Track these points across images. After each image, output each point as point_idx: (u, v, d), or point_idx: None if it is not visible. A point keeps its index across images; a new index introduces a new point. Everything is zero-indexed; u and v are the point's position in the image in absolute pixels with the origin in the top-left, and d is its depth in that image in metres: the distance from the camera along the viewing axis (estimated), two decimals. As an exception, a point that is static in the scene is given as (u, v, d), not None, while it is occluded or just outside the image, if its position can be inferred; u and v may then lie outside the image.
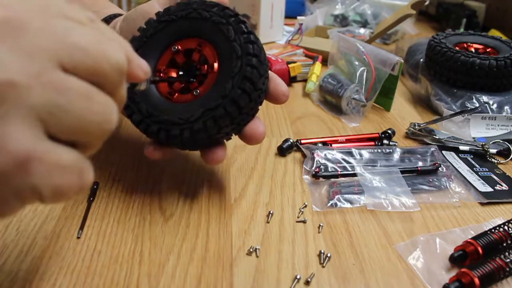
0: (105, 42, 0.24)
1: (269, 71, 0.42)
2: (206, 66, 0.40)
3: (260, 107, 0.41)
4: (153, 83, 0.41)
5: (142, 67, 0.28)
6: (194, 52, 0.41)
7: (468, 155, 0.53)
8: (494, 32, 0.94)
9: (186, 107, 0.39)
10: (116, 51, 0.24)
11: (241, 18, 0.40)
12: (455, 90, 0.63)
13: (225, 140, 0.42)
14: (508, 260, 0.35)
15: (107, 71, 0.24)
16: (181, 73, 0.42)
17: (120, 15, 0.52)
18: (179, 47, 0.41)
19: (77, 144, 0.23)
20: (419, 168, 0.48)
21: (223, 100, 0.37)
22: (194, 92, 0.39)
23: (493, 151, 0.53)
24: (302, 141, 0.53)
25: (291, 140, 0.53)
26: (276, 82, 0.42)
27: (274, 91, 0.41)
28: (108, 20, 0.50)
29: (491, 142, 0.55)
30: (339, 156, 0.49)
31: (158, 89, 0.41)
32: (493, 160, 0.52)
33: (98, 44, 0.23)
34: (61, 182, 0.22)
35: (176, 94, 0.41)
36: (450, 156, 0.53)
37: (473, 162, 0.52)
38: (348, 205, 0.43)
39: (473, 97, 0.61)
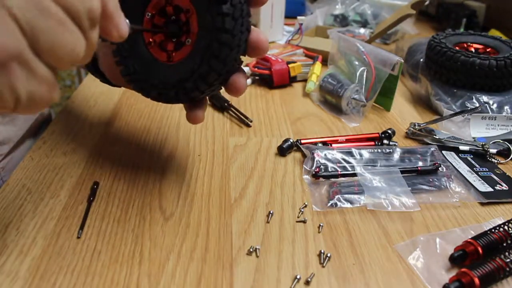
0: None
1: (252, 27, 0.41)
2: (183, 13, 0.39)
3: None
4: (138, 31, 0.41)
5: (119, 28, 0.30)
6: (167, 8, 0.40)
7: (468, 155, 0.53)
8: (494, 32, 0.94)
9: (188, 59, 0.39)
10: None
11: None
12: (455, 90, 0.63)
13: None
14: (508, 260, 0.35)
15: (80, 11, 0.26)
16: (169, 35, 0.41)
17: None
18: (152, 11, 0.41)
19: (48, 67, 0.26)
20: (419, 168, 0.48)
21: (211, 35, 0.37)
22: (187, 42, 0.39)
23: (493, 151, 0.53)
24: (302, 141, 0.53)
25: (291, 140, 0.53)
26: (256, 32, 0.41)
27: (254, 42, 0.40)
28: None
29: (491, 142, 0.55)
30: (339, 156, 0.49)
31: (157, 57, 0.41)
32: (493, 160, 0.52)
33: None
34: (36, 90, 0.25)
35: (174, 54, 0.40)
36: (450, 156, 0.53)
37: (473, 162, 0.52)
38: (348, 205, 0.43)
39: (473, 97, 0.61)
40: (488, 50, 0.68)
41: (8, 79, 0.24)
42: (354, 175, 0.47)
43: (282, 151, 0.52)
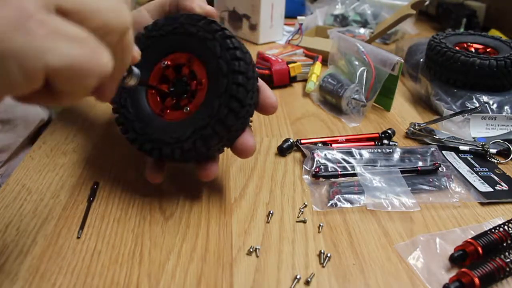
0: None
1: (259, 82, 0.42)
2: (195, 82, 0.40)
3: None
4: (142, 84, 0.41)
5: (136, 50, 0.29)
6: (184, 67, 0.41)
7: (468, 155, 0.53)
8: (494, 32, 0.94)
9: (178, 125, 0.40)
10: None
11: (227, 33, 0.39)
12: (455, 90, 0.63)
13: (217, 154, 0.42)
14: (508, 260, 0.35)
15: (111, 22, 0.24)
16: (172, 89, 0.42)
17: None
18: (169, 62, 0.42)
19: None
20: (419, 168, 0.48)
21: (210, 120, 0.38)
22: (185, 110, 0.40)
23: (493, 151, 0.53)
24: (302, 141, 0.53)
25: (291, 140, 0.53)
26: (266, 94, 0.41)
27: (263, 103, 0.41)
28: None
29: (491, 142, 0.55)
30: (339, 156, 0.49)
31: (151, 106, 0.42)
32: (493, 160, 0.52)
33: None
34: (69, 51, 0.20)
35: (168, 110, 0.41)
36: (450, 156, 0.53)
37: (473, 162, 0.52)
38: (348, 205, 0.43)
39: (473, 97, 0.61)
40: (488, 50, 0.68)
41: (29, 39, 0.20)
42: (354, 175, 0.47)
43: (282, 151, 0.52)
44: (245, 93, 0.38)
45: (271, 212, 0.42)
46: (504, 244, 0.38)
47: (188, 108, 0.40)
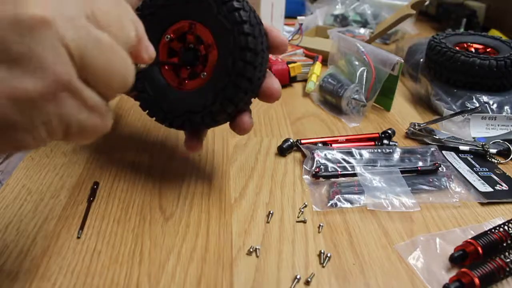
0: (124, 11, 0.27)
1: (264, 25, 0.41)
2: (203, 46, 0.40)
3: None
4: (154, 64, 0.41)
5: (148, 51, 0.30)
6: (188, 35, 0.41)
7: (468, 155, 0.53)
8: (494, 32, 0.94)
9: (200, 92, 0.40)
10: (129, 25, 0.27)
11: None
12: (455, 90, 0.63)
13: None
14: (508, 260, 0.35)
15: (119, 37, 0.26)
16: (183, 59, 0.42)
17: None
18: (172, 35, 0.41)
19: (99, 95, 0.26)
20: (419, 168, 0.48)
21: (230, 78, 0.38)
22: (202, 76, 0.40)
23: (493, 151, 0.53)
24: (302, 141, 0.53)
25: (291, 140, 0.53)
26: (273, 34, 0.41)
27: (274, 44, 0.41)
28: None
29: (491, 142, 0.55)
30: (339, 156, 0.49)
31: (169, 82, 0.42)
32: (493, 160, 0.52)
33: (116, 9, 0.27)
34: (86, 119, 0.25)
35: (186, 81, 0.41)
36: (450, 156, 0.53)
37: (473, 162, 0.52)
38: (348, 205, 0.43)
39: (473, 97, 0.61)
40: (488, 50, 0.68)
41: (58, 108, 0.23)
42: (354, 175, 0.47)
43: (282, 151, 0.52)
44: (254, 41, 0.37)
45: (271, 212, 0.42)
46: (504, 244, 0.38)
47: (205, 73, 0.40)
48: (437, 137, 0.55)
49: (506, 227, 0.39)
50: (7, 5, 0.22)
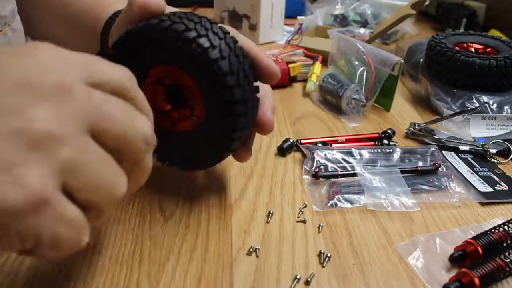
0: (134, 115, 0.27)
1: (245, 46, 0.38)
2: (187, 90, 0.37)
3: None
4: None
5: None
6: (165, 79, 0.37)
7: (468, 155, 0.53)
8: (494, 32, 0.94)
9: (193, 136, 0.39)
10: (143, 125, 0.27)
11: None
12: (455, 90, 0.63)
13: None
14: (508, 260, 0.35)
15: (132, 142, 0.26)
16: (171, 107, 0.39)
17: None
18: (151, 79, 0.37)
19: (86, 209, 0.25)
20: (419, 168, 0.48)
21: (223, 132, 0.37)
22: (193, 120, 0.38)
23: (493, 151, 0.53)
24: (302, 141, 0.53)
25: (291, 140, 0.53)
26: (263, 110, 0.40)
27: (260, 121, 0.40)
28: (114, 18, 0.49)
29: (491, 142, 0.55)
30: (339, 156, 0.49)
31: (161, 124, 0.38)
32: (493, 160, 0.52)
33: (127, 116, 0.26)
34: (61, 232, 0.23)
35: (179, 123, 0.39)
36: (450, 156, 0.53)
37: (473, 162, 0.52)
38: (348, 205, 0.43)
39: (473, 97, 0.61)
40: (488, 50, 0.68)
41: (34, 221, 0.22)
42: (354, 175, 0.47)
43: (282, 151, 0.52)
44: (240, 90, 0.35)
45: (271, 212, 0.42)
46: (504, 244, 0.38)
47: (195, 118, 0.38)
48: (437, 137, 0.55)
49: (506, 227, 0.39)
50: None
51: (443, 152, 0.53)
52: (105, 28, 0.49)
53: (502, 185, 0.47)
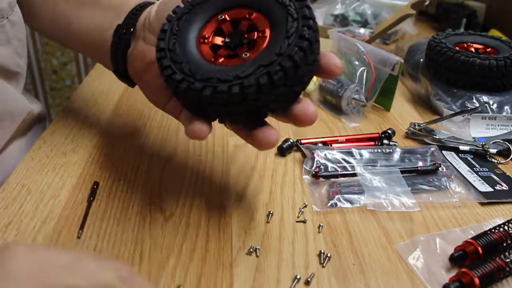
0: None
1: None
2: (256, 32, 0.37)
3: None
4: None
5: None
6: (242, 21, 0.38)
7: (468, 155, 0.53)
8: (494, 32, 0.94)
9: (235, 67, 0.35)
10: None
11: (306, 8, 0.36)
12: (455, 90, 0.63)
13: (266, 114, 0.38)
14: (508, 260, 0.35)
15: None
16: (227, 40, 0.39)
17: (150, 3, 0.49)
18: (226, 17, 0.39)
19: None
20: (419, 168, 0.48)
21: (278, 57, 0.34)
22: (244, 55, 0.36)
23: (493, 151, 0.53)
24: (302, 141, 0.53)
25: (291, 140, 0.53)
26: (328, 55, 0.39)
27: (327, 65, 0.38)
28: (139, 9, 0.48)
29: (491, 142, 0.55)
30: (339, 156, 0.49)
31: (202, 54, 0.38)
32: (493, 160, 0.52)
33: None
34: None
35: (222, 59, 0.37)
36: (450, 156, 0.53)
37: (473, 162, 0.52)
38: (348, 205, 0.43)
39: (473, 97, 0.61)
40: (488, 50, 0.67)
41: None
42: (354, 175, 0.47)
43: (282, 151, 0.52)
44: (314, 38, 0.35)
45: (271, 212, 0.42)
46: (504, 244, 0.38)
47: (248, 54, 0.36)
48: (437, 137, 0.55)
49: (506, 227, 0.39)
50: None
51: (443, 152, 0.53)
52: (136, 9, 0.47)
53: (502, 185, 0.47)
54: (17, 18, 0.51)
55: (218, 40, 0.39)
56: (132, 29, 0.45)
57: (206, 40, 0.39)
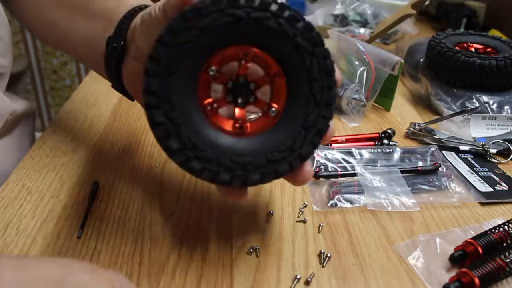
0: None
1: None
2: (264, 75, 0.33)
3: None
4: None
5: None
6: (239, 64, 0.33)
7: (468, 155, 0.53)
8: (494, 32, 0.94)
9: (239, 147, 0.32)
10: None
11: (327, 50, 0.32)
12: (455, 90, 0.63)
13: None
14: (508, 260, 0.35)
15: None
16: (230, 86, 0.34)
17: (141, 8, 0.44)
18: (216, 67, 0.32)
19: None
20: (419, 168, 0.48)
21: (289, 155, 0.32)
22: (271, 112, 0.33)
23: (493, 151, 0.53)
24: (302, 141, 0.53)
25: (291, 140, 0.53)
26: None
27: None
28: (128, 17, 0.43)
29: (491, 142, 0.55)
30: (339, 156, 0.49)
31: (221, 127, 0.33)
32: (493, 160, 0.52)
33: None
34: None
35: (248, 124, 0.33)
36: (450, 156, 0.53)
37: (473, 162, 0.52)
38: (348, 205, 0.43)
39: (473, 97, 0.61)
40: (488, 50, 0.67)
41: None
42: (354, 175, 0.47)
43: (282, 151, 0.52)
44: (327, 127, 0.32)
45: (271, 212, 0.42)
46: (504, 244, 0.38)
47: (274, 109, 0.33)
48: (437, 137, 0.55)
49: (506, 227, 0.39)
50: None
51: (443, 152, 0.53)
52: (125, 18, 0.43)
53: (502, 185, 0.47)
54: None
55: (219, 90, 0.33)
56: (122, 42, 0.41)
57: (212, 108, 0.33)
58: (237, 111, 0.34)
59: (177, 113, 0.30)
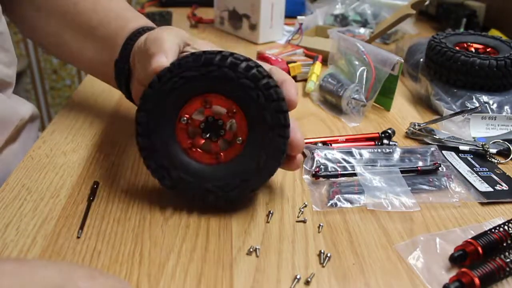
0: None
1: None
2: (225, 114, 0.40)
3: None
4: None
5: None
6: (204, 111, 0.40)
7: (468, 155, 0.53)
8: (494, 32, 0.94)
9: (217, 170, 0.40)
10: None
11: (269, 82, 0.38)
12: (455, 90, 0.63)
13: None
14: (508, 260, 0.35)
15: None
16: (202, 125, 0.41)
17: (148, 28, 0.49)
18: (187, 116, 0.40)
19: None
20: (419, 168, 0.48)
21: (258, 173, 0.39)
22: (237, 141, 0.40)
23: (493, 151, 0.53)
24: (302, 141, 0.53)
25: (291, 140, 0.53)
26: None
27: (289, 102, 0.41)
28: (136, 35, 0.47)
29: (491, 142, 0.55)
30: (339, 156, 0.49)
31: (203, 161, 0.41)
32: (493, 160, 0.52)
33: None
34: None
35: (222, 153, 0.41)
36: (450, 156, 0.53)
37: (473, 162, 0.52)
38: (348, 205, 0.43)
39: (473, 97, 0.61)
40: (488, 50, 0.67)
41: None
42: (354, 175, 0.47)
43: (282, 151, 0.52)
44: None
45: (271, 212, 0.42)
46: (504, 244, 0.38)
47: (240, 138, 0.40)
48: (437, 137, 0.55)
49: (506, 227, 0.39)
50: None
51: (443, 152, 0.53)
52: (127, 43, 0.48)
53: (502, 185, 0.47)
54: (3, 28, 0.50)
55: (202, 141, 0.41)
56: (127, 66, 0.47)
57: (193, 148, 0.41)
58: (212, 145, 0.41)
59: (166, 160, 0.40)
